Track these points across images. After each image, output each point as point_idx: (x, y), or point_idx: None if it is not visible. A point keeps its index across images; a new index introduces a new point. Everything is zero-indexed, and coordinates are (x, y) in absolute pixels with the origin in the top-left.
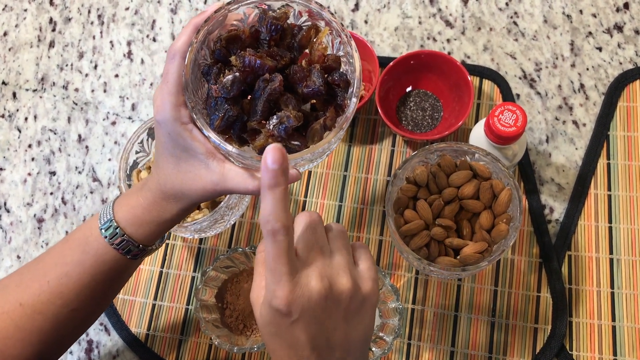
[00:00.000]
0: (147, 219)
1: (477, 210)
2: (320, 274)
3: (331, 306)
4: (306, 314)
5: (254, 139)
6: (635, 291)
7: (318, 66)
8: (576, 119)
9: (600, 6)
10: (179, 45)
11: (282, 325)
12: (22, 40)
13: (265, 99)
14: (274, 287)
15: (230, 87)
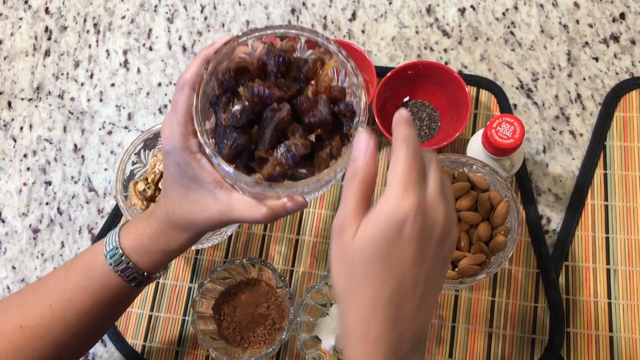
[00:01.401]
0: (154, 247)
1: (475, 222)
2: (444, 203)
3: (441, 243)
4: (424, 234)
5: (261, 167)
6: (633, 302)
7: (324, 97)
8: (573, 129)
9: (596, 16)
10: (188, 76)
11: (394, 242)
12: (18, 48)
13: (273, 128)
14: (402, 194)
15: (239, 116)
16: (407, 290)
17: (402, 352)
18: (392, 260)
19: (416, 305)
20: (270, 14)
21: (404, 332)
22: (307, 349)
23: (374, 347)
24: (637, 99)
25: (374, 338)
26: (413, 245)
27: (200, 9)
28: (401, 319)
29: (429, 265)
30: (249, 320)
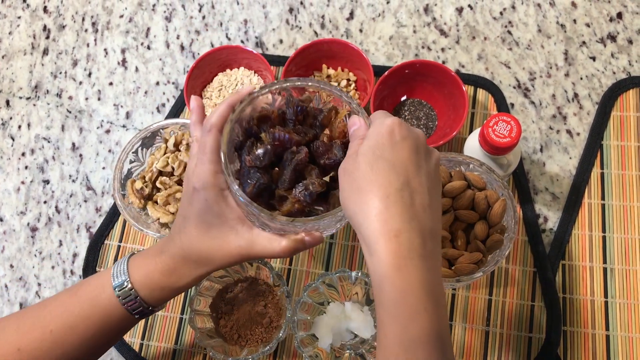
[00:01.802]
0: (164, 284)
1: (471, 221)
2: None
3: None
4: (411, 139)
5: (281, 205)
6: (629, 300)
7: (339, 141)
8: (570, 128)
9: (593, 16)
10: (215, 119)
11: (388, 144)
12: (16, 47)
13: (292, 169)
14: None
15: (262, 158)
16: (414, 186)
17: (424, 244)
18: (393, 158)
19: (426, 202)
20: (268, 13)
21: (421, 228)
22: (304, 347)
23: (396, 242)
24: (634, 98)
25: (394, 234)
26: (406, 144)
27: (199, 7)
28: (415, 215)
29: (424, 163)
30: (247, 318)
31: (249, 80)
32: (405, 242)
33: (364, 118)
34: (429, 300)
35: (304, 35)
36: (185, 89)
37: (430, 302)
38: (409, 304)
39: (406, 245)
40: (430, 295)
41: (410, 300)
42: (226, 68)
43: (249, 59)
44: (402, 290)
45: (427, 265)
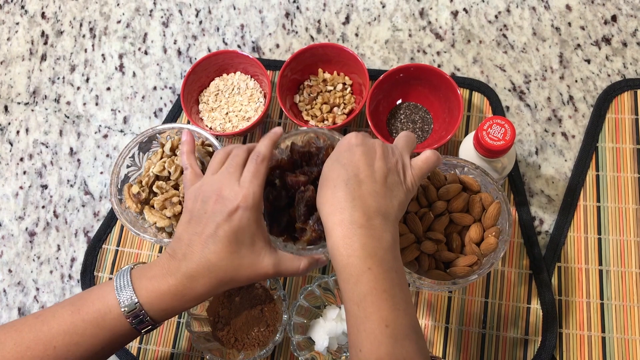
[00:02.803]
0: (176, 304)
1: (466, 224)
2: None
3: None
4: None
5: (302, 235)
6: (625, 302)
7: None
8: (565, 130)
9: (588, 19)
10: (265, 151)
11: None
12: (14, 53)
13: (304, 205)
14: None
15: (278, 202)
16: (362, 177)
17: (367, 219)
18: (345, 160)
19: (374, 189)
20: (264, 18)
21: (365, 207)
22: (300, 350)
23: (339, 216)
24: (629, 100)
25: (339, 211)
26: (359, 149)
27: (195, 13)
28: (360, 197)
29: (379, 162)
30: (243, 322)
31: (245, 85)
32: (347, 217)
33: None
34: (373, 261)
35: (300, 39)
36: (182, 94)
37: (374, 262)
38: (353, 265)
39: (348, 218)
40: (374, 257)
41: (355, 262)
42: (223, 73)
43: (245, 63)
44: (347, 255)
45: (370, 233)
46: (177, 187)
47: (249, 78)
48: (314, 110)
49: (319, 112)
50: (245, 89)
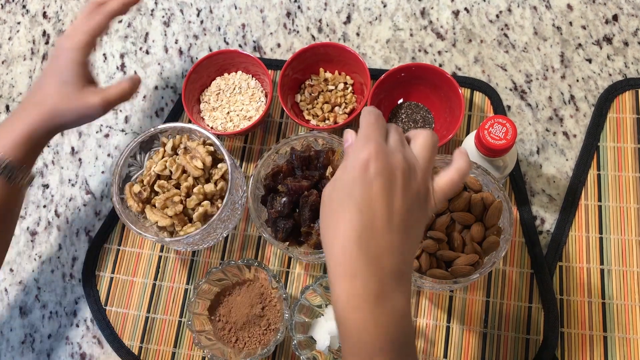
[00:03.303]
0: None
1: (468, 223)
2: (402, 153)
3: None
4: (386, 174)
5: (308, 240)
6: (626, 302)
7: None
8: (566, 130)
9: (589, 18)
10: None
11: (360, 179)
12: (16, 53)
13: (308, 209)
14: (364, 142)
15: (282, 208)
16: (379, 226)
17: (382, 287)
18: (360, 197)
19: (390, 242)
20: (265, 17)
21: (380, 271)
22: (302, 349)
23: (351, 284)
24: (630, 100)
25: (350, 276)
26: (379, 180)
27: (197, 12)
28: (375, 258)
29: (399, 201)
30: (244, 321)
31: (246, 84)
32: (359, 285)
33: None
34: (386, 340)
35: (301, 39)
36: (183, 93)
37: (386, 342)
38: (365, 343)
39: (361, 288)
40: (387, 335)
41: (366, 339)
42: (224, 72)
43: (246, 62)
44: (358, 330)
45: (384, 306)
46: (179, 186)
47: (250, 77)
48: (315, 110)
49: (320, 111)
50: (246, 88)
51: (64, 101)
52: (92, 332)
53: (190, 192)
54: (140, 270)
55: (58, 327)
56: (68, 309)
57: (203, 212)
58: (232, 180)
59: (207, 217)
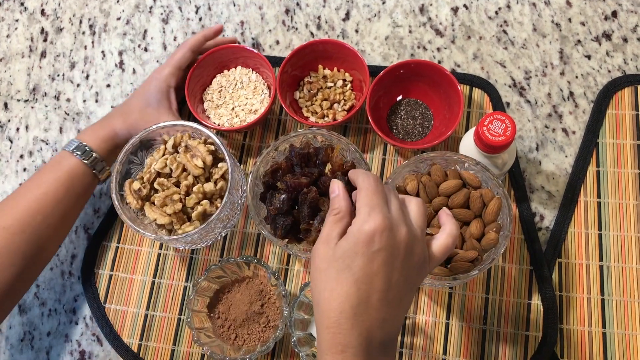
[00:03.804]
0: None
1: (467, 219)
2: (406, 223)
3: (406, 257)
4: (389, 249)
5: (307, 236)
6: (625, 298)
7: (339, 173)
8: (566, 126)
9: (588, 14)
10: (190, 41)
11: (361, 254)
12: (14, 50)
13: (307, 206)
14: (369, 212)
15: (281, 205)
16: (374, 302)
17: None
18: (360, 270)
19: (384, 316)
20: (264, 14)
21: (369, 343)
22: (301, 346)
23: (343, 355)
24: (629, 96)
25: (340, 348)
26: (382, 255)
27: (195, 9)
28: (366, 330)
29: (398, 274)
30: (244, 318)
31: (247, 78)
32: (349, 354)
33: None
34: None
35: (300, 36)
36: (187, 95)
37: None
38: None
39: (350, 356)
40: None
41: None
42: (223, 69)
43: (244, 57)
44: None
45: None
46: (179, 184)
47: (250, 71)
48: (314, 107)
49: (319, 108)
50: (248, 82)
51: (144, 120)
52: (92, 330)
53: (190, 190)
54: (140, 267)
55: (57, 325)
56: (67, 307)
57: (202, 211)
58: (232, 181)
59: (206, 216)
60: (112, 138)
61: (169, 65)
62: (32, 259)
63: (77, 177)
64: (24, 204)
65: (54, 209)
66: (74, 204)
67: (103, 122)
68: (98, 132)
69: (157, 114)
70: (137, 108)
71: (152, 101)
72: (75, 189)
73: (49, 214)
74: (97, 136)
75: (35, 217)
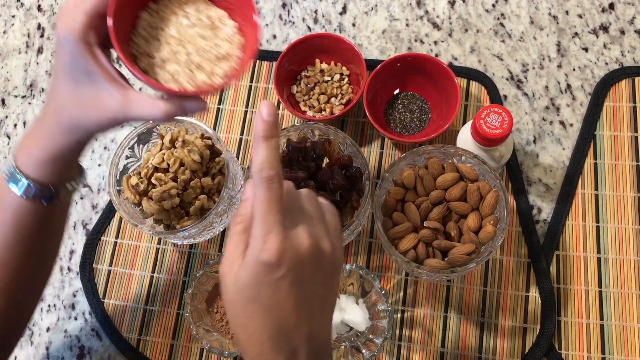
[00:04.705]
0: (45, 157)
1: (464, 212)
2: (308, 231)
3: (315, 267)
4: (293, 271)
5: None
6: (623, 290)
7: (336, 167)
8: (563, 119)
9: (586, 7)
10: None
11: (265, 284)
12: (10, 46)
13: None
14: (264, 238)
15: None
16: (292, 323)
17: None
18: (268, 300)
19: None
20: (261, 9)
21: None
22: None
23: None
24: (627, 88)
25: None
26: (287, 280)
27: None
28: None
29: (310, 287)
30: None
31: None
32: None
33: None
34: None
35: (297, 30)
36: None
37: None
38: None
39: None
40: None
41: None
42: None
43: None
44: None
45: None
46: (176, 179)
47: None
48: (311, 101)
49: (317, 102)
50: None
51: (81, 106)
52: (91, 325)
53: (187, 185)
54: (138, 262)
55: (56, 320)
56: (66, 302)
57: (199, 206)
58: (229, 175)
59: (204, 211)
60: (52, 155)
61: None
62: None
63: (25, 215)
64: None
65: (11, 251)
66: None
67: (36, 133)
68: (32, 150)
69: (94, 92)
70: (66, 94)
71: (77, 75)
72: (30, 226)
73: (8, 257)
74: (33, 158)
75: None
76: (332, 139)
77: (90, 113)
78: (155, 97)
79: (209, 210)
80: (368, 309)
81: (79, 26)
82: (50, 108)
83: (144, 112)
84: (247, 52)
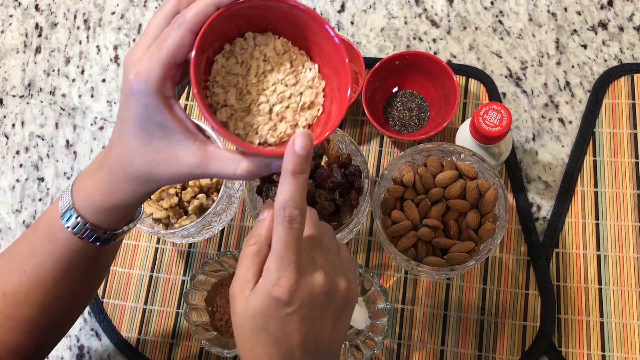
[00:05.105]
0: (107, 205)
1: (463, 210)
2: (323, 270)
3: (327, 303)
4: (305, 307)
5: None
6: (623, 287)
7: (335, 165)
8: (562, 116)
9: (584, 4)
10: (190, 16)
11: (275, 317)
12: (8, 46)
13: None
14: (278, 274)
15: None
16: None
17: None
18: (277, 332)
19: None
20: None
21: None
22: None
23: None
24: (626, 85)
25: None
26: (298, 315)
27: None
28: None
29: (318, 329)
30: None
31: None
32: None
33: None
34: None
35: None
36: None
37: None
38: None
39: None
40: None
41: None
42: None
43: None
44: None
45: None
46: None
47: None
48: None
49: None
50: (274, 55)
51: (151, 162)
52: (90, 325)
53: (186, 184)
54: (137, 262)
55: None
56: None
57: (198, 205)
58: None
59: (203, 210)
60: (116, 204)
61: (155, 61)
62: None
63: (76, 251)
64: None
65: (56, 282)
66: (83, 276)
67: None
68: (93, 196)
69: (168, 146)
70: (136, 146)
71: (151, 128)
72: (79, 263)
73: (52, 287)
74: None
75: (35, 290)
76: (331, 137)
77: (164, 168)
78: (236, 153)
79: (207, 209)
80: (368, 307)
81: (155, 78)
82: (114, 157)
83: (224, 170)
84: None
